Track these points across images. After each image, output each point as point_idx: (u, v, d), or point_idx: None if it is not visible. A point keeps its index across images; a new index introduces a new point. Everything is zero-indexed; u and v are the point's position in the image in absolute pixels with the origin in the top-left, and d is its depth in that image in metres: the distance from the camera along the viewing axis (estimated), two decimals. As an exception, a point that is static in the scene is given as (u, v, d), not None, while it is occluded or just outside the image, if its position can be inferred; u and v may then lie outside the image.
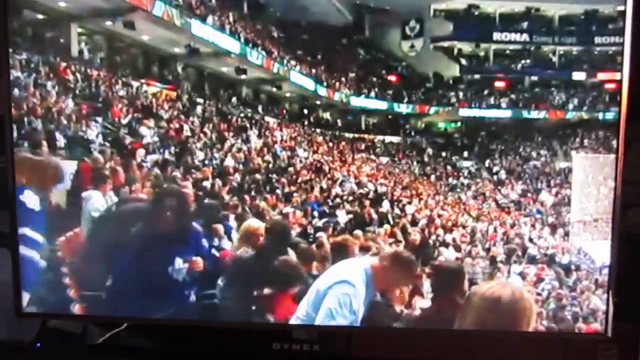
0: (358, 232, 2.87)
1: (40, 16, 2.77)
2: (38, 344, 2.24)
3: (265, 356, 2.13)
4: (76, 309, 2.20)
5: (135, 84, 3.31)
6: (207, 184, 3.01)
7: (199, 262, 2.33)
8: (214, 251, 2.46)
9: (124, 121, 3.16)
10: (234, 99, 3.77)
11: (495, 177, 3.78)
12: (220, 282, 2.32)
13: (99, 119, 2.97)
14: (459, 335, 1.83)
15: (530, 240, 3.42)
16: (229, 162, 3.26)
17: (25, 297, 2.19)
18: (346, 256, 2.46)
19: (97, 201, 2.45)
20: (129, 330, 2.26)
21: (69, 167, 2.52)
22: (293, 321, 2.17)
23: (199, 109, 3.51)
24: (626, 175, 1.95)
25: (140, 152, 2.95)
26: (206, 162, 3.22)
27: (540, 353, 2.24)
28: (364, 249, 2.70)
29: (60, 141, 2.70)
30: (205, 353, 2.24)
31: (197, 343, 2.21)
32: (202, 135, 3.40)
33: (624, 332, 2.01)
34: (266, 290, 2.28)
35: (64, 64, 3.06)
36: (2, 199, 2.17)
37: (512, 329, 1.59)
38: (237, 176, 3.14)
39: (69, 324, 2.30)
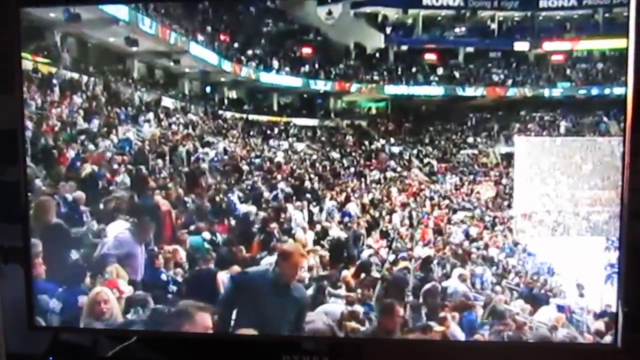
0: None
1: None
2: (50, 357, 2.32)
3: (275, 368, 2.21)
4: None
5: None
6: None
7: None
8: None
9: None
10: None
11: (427, 169, 3.32)
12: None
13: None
14: (469, 346, 1.95)
15: (468, 237, 3.02)
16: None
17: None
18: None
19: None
20: (138, 343, 2.28)
21: None
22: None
23: (82, 86, 3.02)
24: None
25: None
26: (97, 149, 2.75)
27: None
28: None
29: None
30: (215, 366, 2.29)
31: (207, 356, 2.21)
32: (86, 118, 2.88)
33: (635, 343, 1.98)
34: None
35: None
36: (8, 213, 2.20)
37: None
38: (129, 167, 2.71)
39: (80, 337, 2.34)
